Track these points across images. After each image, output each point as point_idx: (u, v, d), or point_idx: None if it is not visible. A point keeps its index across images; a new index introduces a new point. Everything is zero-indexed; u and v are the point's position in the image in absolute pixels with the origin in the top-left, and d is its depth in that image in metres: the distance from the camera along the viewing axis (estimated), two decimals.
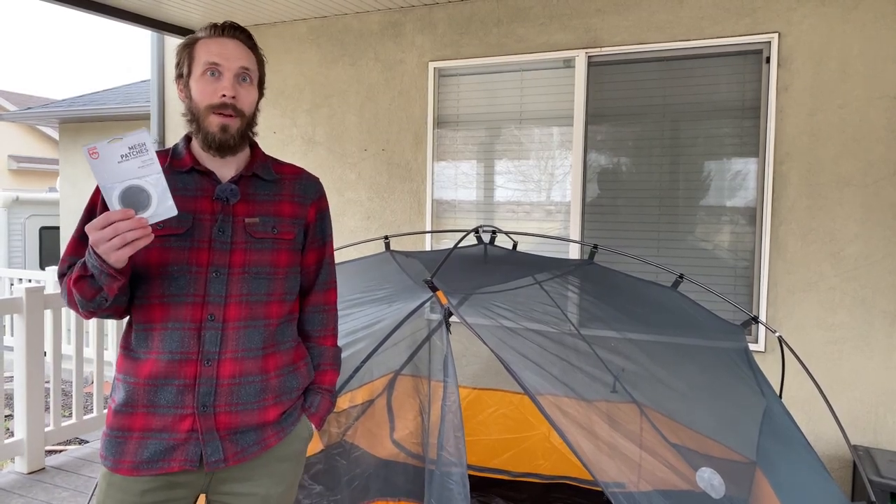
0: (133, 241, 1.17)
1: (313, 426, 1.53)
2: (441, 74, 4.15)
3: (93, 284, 1.26)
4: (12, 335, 3.49)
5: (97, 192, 1.37)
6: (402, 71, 4.23)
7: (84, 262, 1.26)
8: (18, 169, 16.19)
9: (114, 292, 1.27)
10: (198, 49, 1.39)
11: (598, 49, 3.69)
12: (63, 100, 9.35)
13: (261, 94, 1.48)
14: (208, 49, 1.38)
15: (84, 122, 8.70)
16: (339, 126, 4.45)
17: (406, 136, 4.23)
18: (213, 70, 1.37)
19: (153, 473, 1.33)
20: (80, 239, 1.37)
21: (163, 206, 1.21)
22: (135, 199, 1.20)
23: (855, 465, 3.14)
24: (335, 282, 1.62)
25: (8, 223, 10.35)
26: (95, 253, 1.19)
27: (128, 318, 1.42)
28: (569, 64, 3.80)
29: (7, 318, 3.93)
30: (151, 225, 1.20)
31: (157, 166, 1.20)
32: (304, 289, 1.56)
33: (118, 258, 1.19)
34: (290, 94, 4.60)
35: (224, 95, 1.36)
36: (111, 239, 1.16)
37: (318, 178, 1.57)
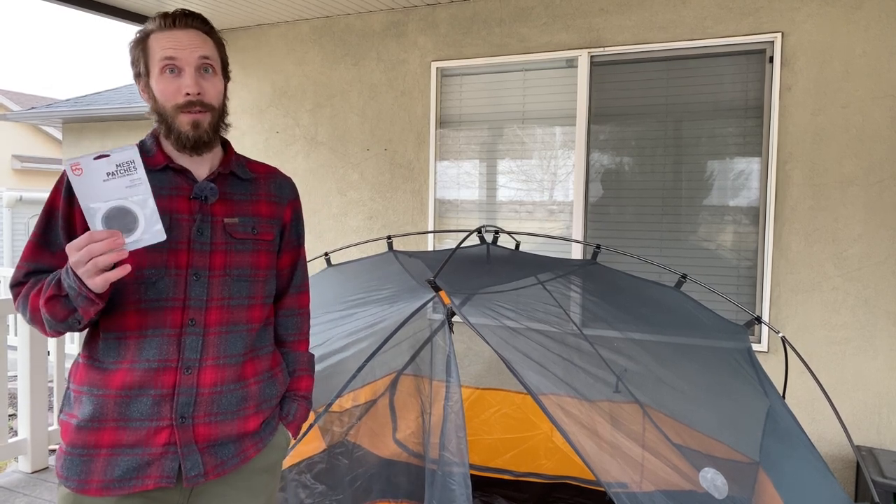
0: (105, 266, 1.08)
1: (290, 434, 1.47)
2: (443, 74, 4.15)
3: (66, 305, 1.16)
4: (16, 335, 3.50)
5: (56, 191, 1.27)
6: (404, 71, 4.23)
7: (58, 281, 1.16)
8: (22, 168, 16.23)
9: (90, 316, 1.17)
10: (151, 44, 1.28)
11: (601, 49, 3.69)
12: (66, 100, 9.37)
13: (226, 79, 1.39)
14: (161, 44, 1.27)
15: (87, 122, 8.72)
16: (342, 126, 4.46)
17: (408, 136, 4.23)
18: (172, 66, 1.27)
19: (126, 493, 1.23)
20: (39, 243, 1.27)
21: (150, 230, 1.12)
22: (120, 221, 1.10)
23: (858, 466, 3.14)
24: (308, 285, 1.56)
25: (11, 222, 10.38)
26: (75, 274, 1.10)
27: (90, 326, 1.30)
28: (571, 64, 3.80)
29: (11, 317, 3.95)
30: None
31: (147, 187, 1.11)
32: (278, 292, 1.49)
33: (95, 284, 1.10)
34: (293, 95, 4.61)
35: (188, 94, 1.27)
36: (88, 263, 1.08)
37: (290, 178, 1.51)
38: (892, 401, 3.17)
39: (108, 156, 1.10)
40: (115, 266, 1.11)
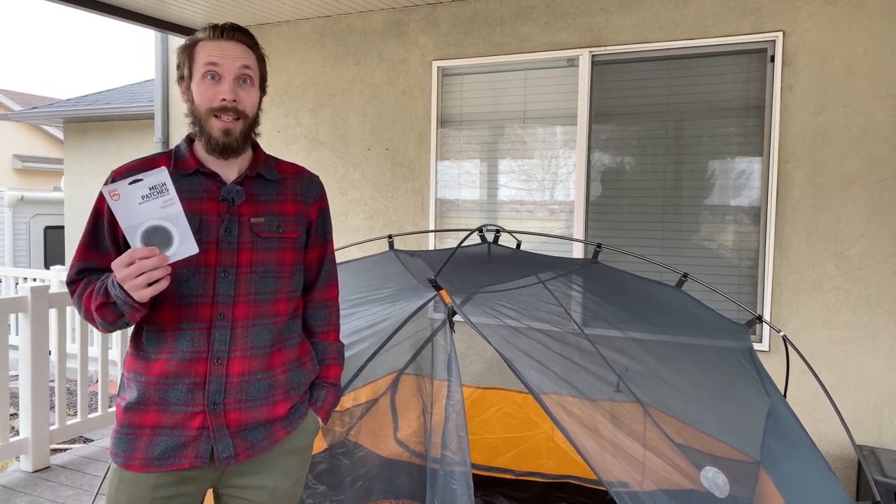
0: (157, 280, 1.22)
1: (319, 419, 1.56)
2: (444, 74, 4.15)
3: (115, 311, 1.31)
4: (17, 334, 3.51)
5: (101, 199, 1.39)
6: (405, 70, 4.23)
7: (106, 290, 1.30)
8: (23, 168, 16.24)
9: (136, 320, 1.32)
10: (198, 51, 1.40)
11: (602, 48, 3.68)
12: (67, 99, 9.37)
13: (263, 93, 1.50)
14: (207, 52, 1.38)
15: (88, 121, 8.72)
16: (343, 125, 4.46)
17: (409, 136, 4.23)
18: (213, 73, 1.38)
19: (164, 470, 1.36)
20: (88, 245, 1.40)
21: (185, 245, 1.25)
22: (157, 238, 1.23)
23: (860, 465, 3.14)
24: (336, 278, 1.65)
25: (13, 223, 10.39)
26: (121, 286, 1.24)
27: None
28: (572, 63, 3.79)
29: (12, 317, 3.96)
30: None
31: (179, 206, 1.23)
32: (307, 286, 1.58)
33: (142, 296, 1.23)
34: (294, 94, 4.61)
35: (224, 99, 1.37)
36: (137, 277, 1.21)
37: (318, 177, 1.60)
38: (893, 400, 3.16)
39: (141, 180, 1.21)
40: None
